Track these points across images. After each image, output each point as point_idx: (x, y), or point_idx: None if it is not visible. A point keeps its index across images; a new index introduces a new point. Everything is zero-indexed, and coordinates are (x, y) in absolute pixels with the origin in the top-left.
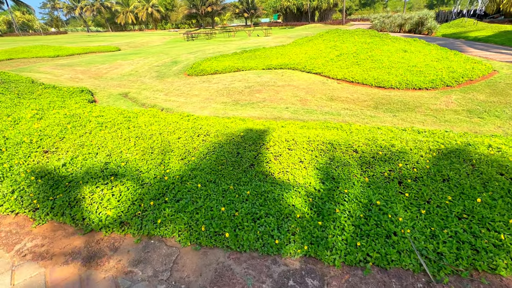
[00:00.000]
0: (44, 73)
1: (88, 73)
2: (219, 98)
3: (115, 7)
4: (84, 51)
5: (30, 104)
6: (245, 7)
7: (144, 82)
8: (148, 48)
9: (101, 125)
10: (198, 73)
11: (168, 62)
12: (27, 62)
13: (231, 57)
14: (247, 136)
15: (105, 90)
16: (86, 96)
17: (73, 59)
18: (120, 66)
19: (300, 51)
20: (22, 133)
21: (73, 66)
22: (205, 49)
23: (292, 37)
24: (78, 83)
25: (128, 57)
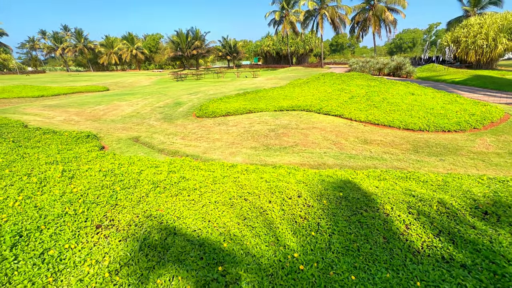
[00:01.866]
0: (32, 115)
1: (83, 115)
2: (246, 143)
3: (99, 48)
4: (71, 91)
5: (38, 155)
6: (228, 50)
7: (152, 125)
8: (140, 88)
9: (156, 185)
10: (209, 115)
11: (170, 103)
12: (8, 102)
13: (237, 99)
14: (349, 196)
15: (111, 134)
16: (94, 142)
17: (61, 100)
18: (119, 107)
19: (304, 93)
20: (59, 200)
21: (64, 107)
22: (204, 89)
23: (282, 78)
24: (75, 126)
25: (124, 97)
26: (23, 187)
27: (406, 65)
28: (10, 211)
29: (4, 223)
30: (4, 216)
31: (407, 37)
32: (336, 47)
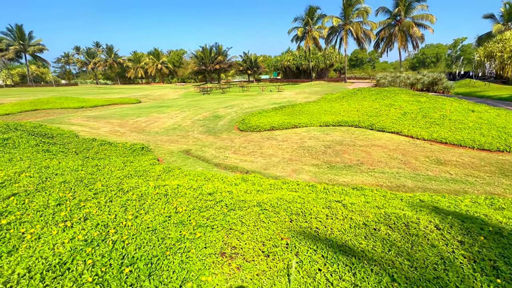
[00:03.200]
0: (78, 125)
1: (126, 126)
2: (305, 159)
3: (127, 63)
4: (107, 103)
5: (109, 167)
6: (249, 65)
7: (198, 138)
8: (171, 101)
9: (262, 207)
10: (254, 129)
11: (208, 116)
12: (53, 113)
13: (275, 113)
14: (502, 231)
15: (160, 146)
16: (151, 155)
17: (100, 111)
18: (159, 119)
19: (345, 107)
20: (169, 221)
21: (106, 118)
22: (237, 103)
23: (310, 93)
24: (121, 137)
25: (162, 110)
26: (125, 204)
27: (442, 80)
28: (126, 232)
29: (127, 246)
30: (125, 238)
31: (430, 52)
32: (356, 62)
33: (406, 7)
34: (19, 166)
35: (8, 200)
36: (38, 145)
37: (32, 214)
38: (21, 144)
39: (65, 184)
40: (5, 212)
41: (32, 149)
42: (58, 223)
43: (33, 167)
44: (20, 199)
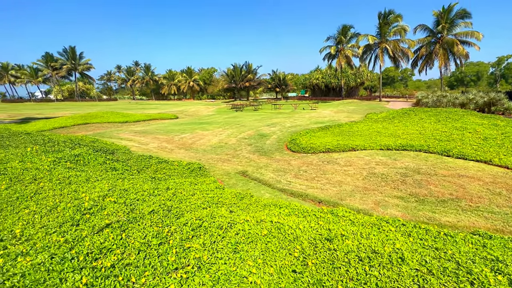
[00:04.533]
0: (127, 140)
1: (173, 143)
2: (383, 189)
3: (162, 80)
4: (148, 118)
5: (184, 193)
6: (277, 83)
7: (250, 158)
8: (207, 117)
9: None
10: (307, 150)
11: (253, 134)
12: (101, 127)
13: (324, 133)
14: None
15: (214, 166)
16: (211, 177)
17: (144, 126)
18: (204, 136)
19: (402, 129)
20: (313, 280)
21: (152, 133)
22: (278, 121)
23: (349, 111)
24: (171, 154)
25: (204, 126)
26: (235, 248)
27: (502, 101)
28: None
29: None
30: None
31: (469, 70)
32: (387, 80)
33: (449, 24)
34: (99, 188)
35: (103, 232)
36: (106, 163)
37: (135, 255)
38: (91, 161)
39: (154, 214)
40: (104, 249)
41: (101, 167)
42: (170, 272)
43: (113, 190)
44: (115, 232)
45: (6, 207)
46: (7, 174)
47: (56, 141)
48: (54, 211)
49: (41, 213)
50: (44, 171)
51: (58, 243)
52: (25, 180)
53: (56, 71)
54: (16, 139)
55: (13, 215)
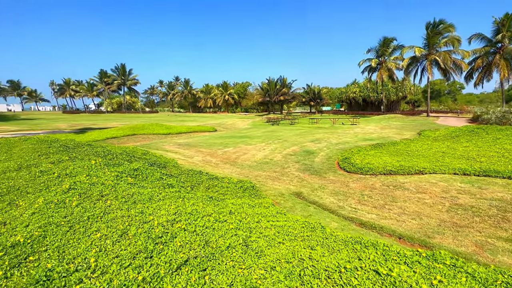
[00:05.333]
0: (172, 152)
1: (217, 157)
2: (479, 227)
3: (199, 94)
4: (188, 130)
5: (252, 224)
6: (311, 96)
7: (301, 177)
8: (245, 131)
9: None
10: (365, 171)
11: (298, 151)
12: (147, 138)
13: (379, 152)
14: None
15: (264, 184)
16: (267, 199)
17: (187, 139)
18: (247, 151)
19: (476, 151)
20: None
21: (195, 146)
22: (322, 137)
23: (397, 127)
24: (217, 169)
25: (246, 141)
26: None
27: None
28: None
29: None
30: None
31: None
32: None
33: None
34: (164, 210)
35: (182, 271)
36: (162, 178)
37: None
38: (148, 176)
39: (231, 250)
40: None
41: (158, 183)
42: None
43: (179, 213)
44: (195, 271)
45: (79, 228)
46: (77, 189)
47: (114, 153)
48: (125, 236)
49: (112, 238)
50: (109, 186)
51: (135, 281)
52: (93, 196)
53: (108, 86)
54: (79, 150)
55: (85, 239)
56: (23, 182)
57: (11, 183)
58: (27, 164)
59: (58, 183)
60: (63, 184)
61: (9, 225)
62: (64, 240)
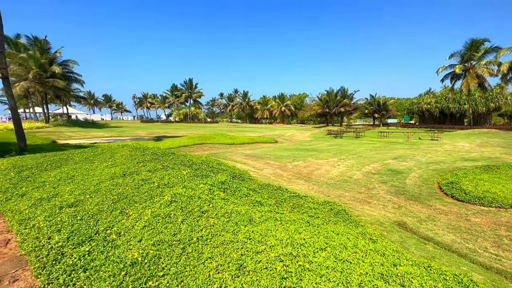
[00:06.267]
0: (242, 163)
1: (287, 170)
2: None
3: (256, 105)
4: (251, 141)
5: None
6: (375, 108)
7: (395, 202)
8: (307, 144)
9: None
10: (485, 202)
11: (380, 169)
12: (213, 147)
13: (497, 177)
14: None
15: (353, 208)
16: (369, 229)
17: (252, 150)
18: (319, 166)
19: None
20: None
21: (262, 158)
22: (406, 154)
23: (500, 145)
24: (291, 184)
25: (314, 154)
26: None
27: None
28: None
29: None
30: None
31: None
32: None
33: None
34: (272, 237)
35: None
36: (249, 194)
37: None
38: (236, 191)
39: None
40: None
41: (247, 199)
42: None
43: (291, 244)
44: None
45: (191, 252)
46: (178, 202)
47: (195, 163)
48: (243, 270)
49: (230, 271)
50: (206, 201)
51: None
52: (194, 212)
53: (178, 98)
54: (167, 159)
55: (201, 267)
56: (129, 190)
57: (120, 189)
58: (130, 172)
59: (159, 193)
60: (164, 196)
61: (124, 236)
62: (180, 266)
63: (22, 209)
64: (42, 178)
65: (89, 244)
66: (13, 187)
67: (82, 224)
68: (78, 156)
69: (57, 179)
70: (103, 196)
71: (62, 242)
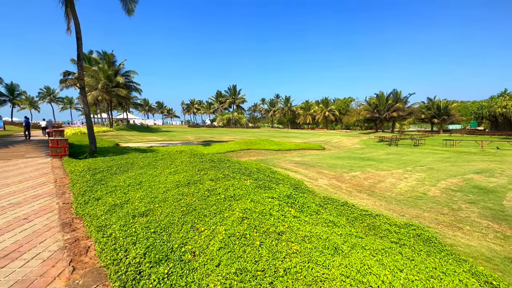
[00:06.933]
0: (292, 172)
1: (344, 181)
2: None
3: (298, 110)
4: (297, 147)
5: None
6: (434, 112)
7: (499, 231)
8: (361, 151)
9: None
10: None
11: (462, 185)
12: (260, 153)
13: None
14: None
15: (441, 234)
16: (478, 267)
17: (301, 157)
18: (382, 178)
19: None
20: None
21: (313, 166)
22: (492, 168)
23: None
24: (353, 198)
25: (373, 164)
26: None
27: None
28: None
29: None
30: None
31: None
32: None
33: None
34: (375, 278)
35: None
36: (319, 211)
37: None
38: (304, 207)
39: None
40: None
41: (318, 218)
42: None
43: None
44: None
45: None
46: (249, 219)
47: (252, 171)
48: None
49: None
50: (279, 220)
51: None
52: (270, 233)
53: (222, 104)
54: (224, 166)
55: None
56: (197, 201)
57: (187, 200)
58: (194, 180)
59: (228, 207)
60: (234, 211)
61: (199, 257)
62: None
63: (98, 214)
64: (114, 183)
65: (166, 265)
66: (90, 190)
67: (156, 238)
68: (141, 161)
69: (126, 184)
70: (172, 206)
71: (139, 258)
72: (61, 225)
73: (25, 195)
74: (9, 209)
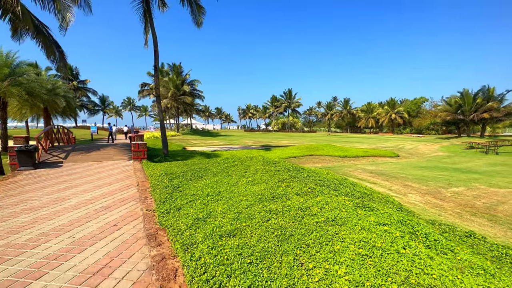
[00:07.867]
0: (370, 183)
1: (445, 199)
2: None
3: (359, 113)
4: (366, 154)
5: None
6: None
7: None
8: (455, 162)
9: None
10: None
11: None
12: (324, 159)
13: None
14: None
15: None
16: None
17: (373, 165)
18: (503, 198)
19: None
20: None
21: (396, 177)
22: None
23: None
24: (466, 223)
25: (483, 179)
26: None
27: None
28: None
29: None
30: None
31: None
32: None
33: None
34: None
35: None
36: (454, 248)
37: None
38: (430, 240)
39: None
40: None
41: (456, 257)
42: None
43: None
44: None
45: None
46: (372, 257)
47: (334, 182)
48: None
49: None
50: (413, 263)
51: None
52: (414, 285)
53: (277, 109)
54: (302, 176)
55: None
56: (290, 223)
57: (278, 220)
58: (278, 194)
59: (334, 235)
60: (344, 242)
61: None
62: None
63: (182, 228)
64: (191, 191)
65: None
66: (170, 197)
67: (256, 274)
68: (214, 167)
69: (205, 194)
70: (262, 227)
71: None
72: (146, 236)
73: (114, 198)
74: (101, 212)
